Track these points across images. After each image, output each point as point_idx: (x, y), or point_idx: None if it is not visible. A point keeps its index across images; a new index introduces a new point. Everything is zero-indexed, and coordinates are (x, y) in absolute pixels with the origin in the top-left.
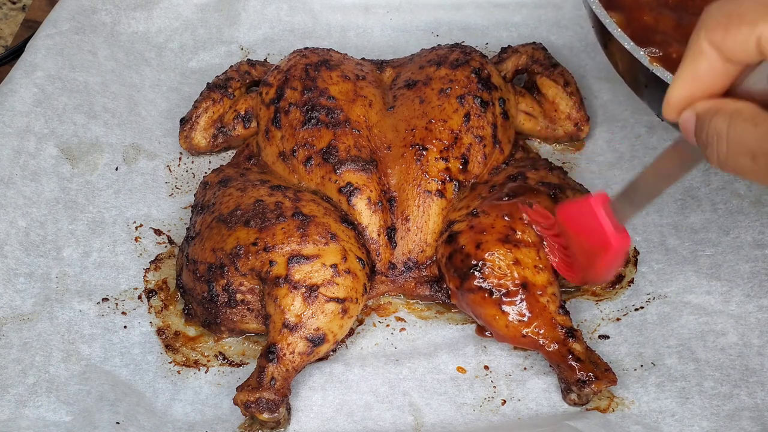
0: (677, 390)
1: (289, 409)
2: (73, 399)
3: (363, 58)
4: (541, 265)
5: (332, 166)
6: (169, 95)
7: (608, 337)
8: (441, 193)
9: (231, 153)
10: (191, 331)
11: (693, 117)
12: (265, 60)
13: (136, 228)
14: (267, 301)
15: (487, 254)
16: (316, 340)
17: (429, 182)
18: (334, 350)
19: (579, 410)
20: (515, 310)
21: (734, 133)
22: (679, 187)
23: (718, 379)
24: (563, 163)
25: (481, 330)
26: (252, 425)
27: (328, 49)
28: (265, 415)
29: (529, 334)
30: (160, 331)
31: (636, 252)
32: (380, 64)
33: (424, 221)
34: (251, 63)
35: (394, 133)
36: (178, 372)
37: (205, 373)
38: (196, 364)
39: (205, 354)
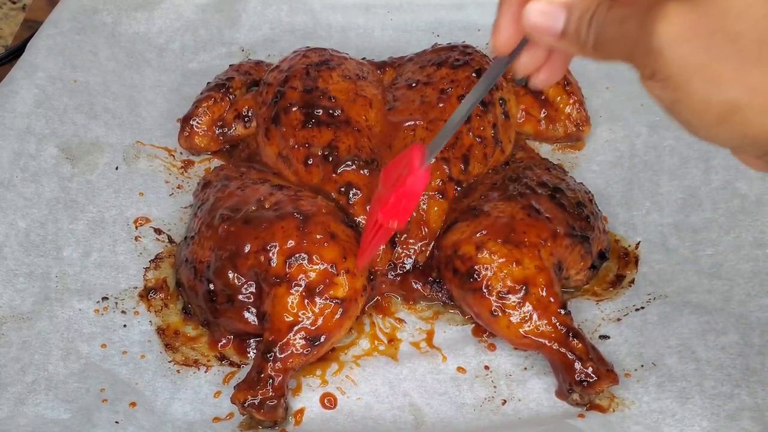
0: (678, 390)
1: (286, 408)
2: (72, 397)
3: (364, 58)
4: (542, 265)
5: (332, 165)
6: (170, 96)
7: (609, 338)
8: (441, 193)
9: (231, 152)
10: (191, 330)
11: (561, 8)
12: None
13: (136, 227)
14: (266, 300)
15: (487, 254)
16: (314, 340)
17: (429, 182)
18: (333, 350)
19: (580, 410)
20: (516, 310)
21: (613, 11)
22: (679, 186)
23: (719, 378)
24: (564, 162)
25: (478, 330)
26: (250, 424)
27: (329, 49)
28: (263, 414)
29: (531, 334)
30: (159, 330)
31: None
32: (381, 64)
33: (424, 221)
34: (252, 63)
35: (394, 133)
36: (178, 371)
37: (205, 372)
38: (195, 363)
39: (205, 353)
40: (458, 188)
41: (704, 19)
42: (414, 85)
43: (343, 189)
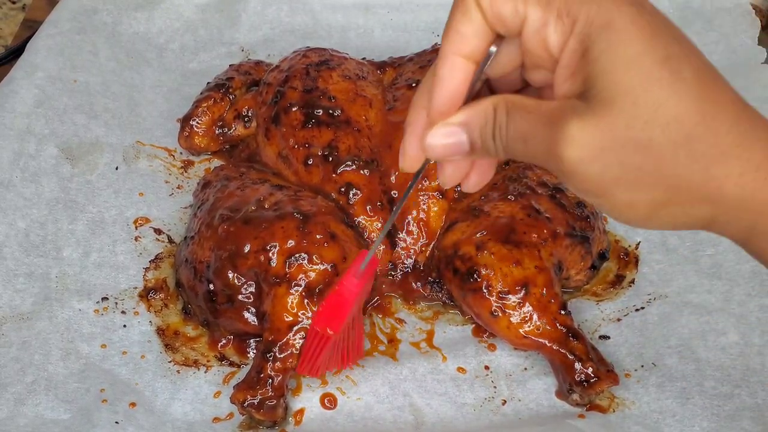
0: (678, 390)
1: (286, 408)
2: (72, 397)
3: (363, 58)
4: (542, 265)
5: (332, 165)
6: (170, 96)
7: (609, 338)
8: (441, 194)
9: (231, 152)
10: (191, 330)
11: (459, 128)
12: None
13: (136, 227)
14: (265, 300)
15: (487, 254)
16: None
17: (429, 182)
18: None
19: (580, 410)
20: (516, 310)
21: (513, 123)
22: None
23: (719, 378)
24: None
25: (478, 330)
26: (250, 424)
27: (329, 49)
28: (262, 414)
29: (531, 334)
30: (159, 331)
31: (637, 245)
32: (381, 64)
33: (424, 221)
34: (252, 63)
35: (394, 133)
36: (178, 371)
37: (205, 372)
38: (195, 363)
39: (205, 353)
40: (458, 188)
41: (611, 134)
42: (414, 85)
43: (343, 189)
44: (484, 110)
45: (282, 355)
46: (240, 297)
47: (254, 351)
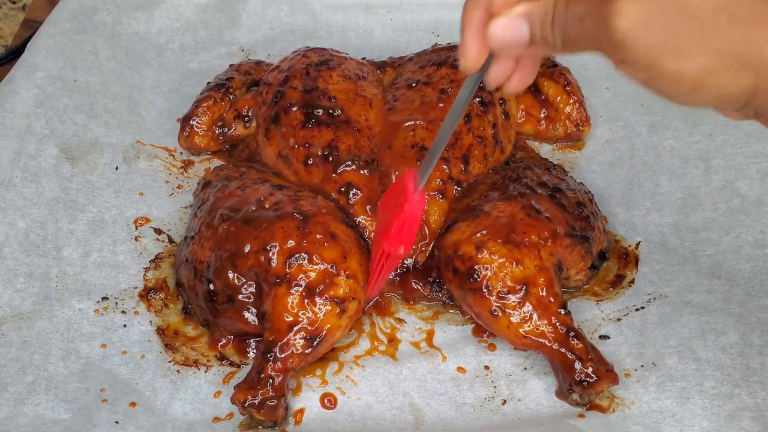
0: (678, 390)
1: (286, 408)
2: (72, 397)
3: (363, 58)
4: (542, 265)
5: (332, 165)
6: (170, 96)
7: (609, 338)
8: (441, 193)
9: (231, 152)
10: (191, 330)
11: (522, 19)
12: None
13: (136, 227)
14: (266, 300)
15: (487, 254)
16: (314, 340)
17: (429, 182)
18: (333, 350)
19: (580, 410)
20: (516, 310)
21: (571, 9)
22: (679, 186)
23: (719, 378)
24: (564, 162)
25: (478, 330)
26: (250, 424)
27: (329, 49)
28: (263, 414)
29: (531, 334)
30: (159, 330)
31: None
32: (381, 64)
33: (424, 221)
34: (252, 62)
35: (394, 133)
36: (178, 371)
37: (205, 372)
38: (195, 363)
39: (205, 353)
40: (458, 188)
41: (656, 1)
42: (414, 85)
43: (343, 189)
44: (545, 2)
45: (282, 355)
46: (240, 297)
47: (254, 351)
